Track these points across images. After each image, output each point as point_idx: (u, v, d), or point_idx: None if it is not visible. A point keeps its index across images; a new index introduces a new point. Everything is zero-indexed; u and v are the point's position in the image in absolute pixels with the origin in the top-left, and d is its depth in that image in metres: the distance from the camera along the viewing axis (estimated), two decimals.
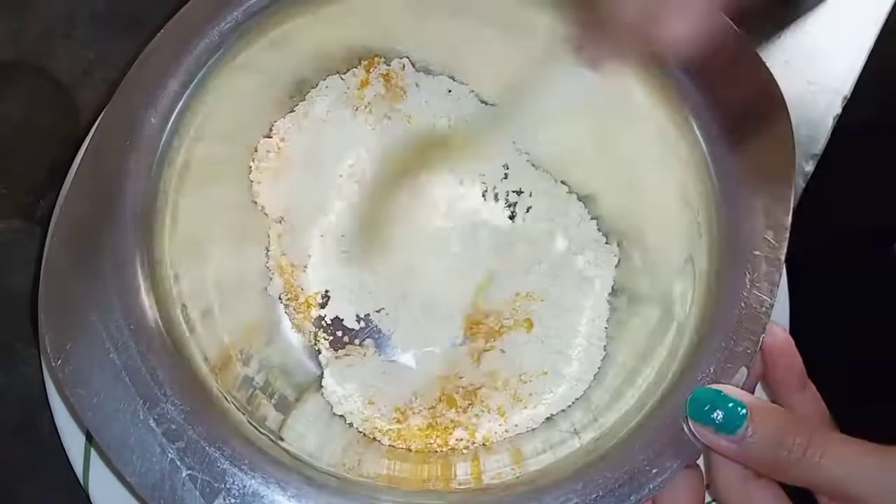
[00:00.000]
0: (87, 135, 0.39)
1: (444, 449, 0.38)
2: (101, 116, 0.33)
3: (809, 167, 0.45)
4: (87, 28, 0.45)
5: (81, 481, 0.35)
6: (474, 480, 0.34)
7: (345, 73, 0.42)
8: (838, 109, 0.46)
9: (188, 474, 0.28)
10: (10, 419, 0.40)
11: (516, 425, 0.38)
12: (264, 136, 0.40)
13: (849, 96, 0.46)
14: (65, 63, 0.44)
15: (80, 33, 0.45)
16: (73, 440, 0.35)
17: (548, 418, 0.38)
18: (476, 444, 0.38)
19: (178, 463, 0.28)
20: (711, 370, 0.31)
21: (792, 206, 0.33)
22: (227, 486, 0.28)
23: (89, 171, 0.32)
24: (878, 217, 0.47)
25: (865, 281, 0.46)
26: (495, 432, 0.38)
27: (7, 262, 0.42)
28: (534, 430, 0.38)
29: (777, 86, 0.34)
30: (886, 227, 0.47)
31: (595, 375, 0.38)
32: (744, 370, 0.31)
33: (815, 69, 0.46)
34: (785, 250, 0.32)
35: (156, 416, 0.29)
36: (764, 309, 0.31)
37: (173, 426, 0.29)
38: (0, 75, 0.44)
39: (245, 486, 0.29)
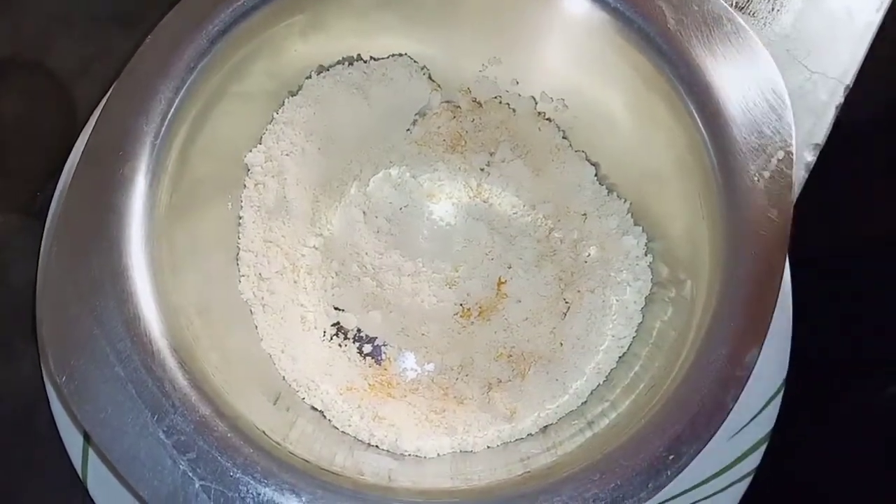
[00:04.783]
0: (84, 129, 0.39)
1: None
2: (93, 126, 0.32)
3: (812, 157, 0.44)
4: (84, 24, 0.45)
5: (80, 476, 0.35)
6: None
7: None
8: (840, 99, 0.45)
9: (201, 485, 0.28)
10: (8, 414, 0.39)
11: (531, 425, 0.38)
12: (253, 147, 0.40)
13: (851, 86, 0.46)
14: (63, 58, 0.44)
15: (77, 29, 0.44)
16: (71, 436, 0.35)
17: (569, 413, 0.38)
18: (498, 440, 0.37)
19: (191, 474, 0.28)
20: (722, 353, 0.30)
21: (794, 187, 0.33)
22: (241, 495, 0.28)
23: (83, 183, 0.32)
24: (882, 207, 0.47)
25: (868, 273, 0.46)
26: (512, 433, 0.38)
27: (5, 257, 0.41)
28: (547, 427, 0.38)
29: (777, 72, 0.34)
30: (890, 218, 0.47)
31: (612, 370, 0.38)
32: (754, 351, 0.31)
33: (817, 58, 0.46)
34: (789, 228, 0.32)
35: (165, 428, 0.29)
36: (772, 288, 0.31)
37: (183, 437, 0.29)
38: None
39: (259, 494, 0.28)
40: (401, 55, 0.42)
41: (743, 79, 0.34)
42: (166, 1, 0.35)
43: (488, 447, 0.37)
